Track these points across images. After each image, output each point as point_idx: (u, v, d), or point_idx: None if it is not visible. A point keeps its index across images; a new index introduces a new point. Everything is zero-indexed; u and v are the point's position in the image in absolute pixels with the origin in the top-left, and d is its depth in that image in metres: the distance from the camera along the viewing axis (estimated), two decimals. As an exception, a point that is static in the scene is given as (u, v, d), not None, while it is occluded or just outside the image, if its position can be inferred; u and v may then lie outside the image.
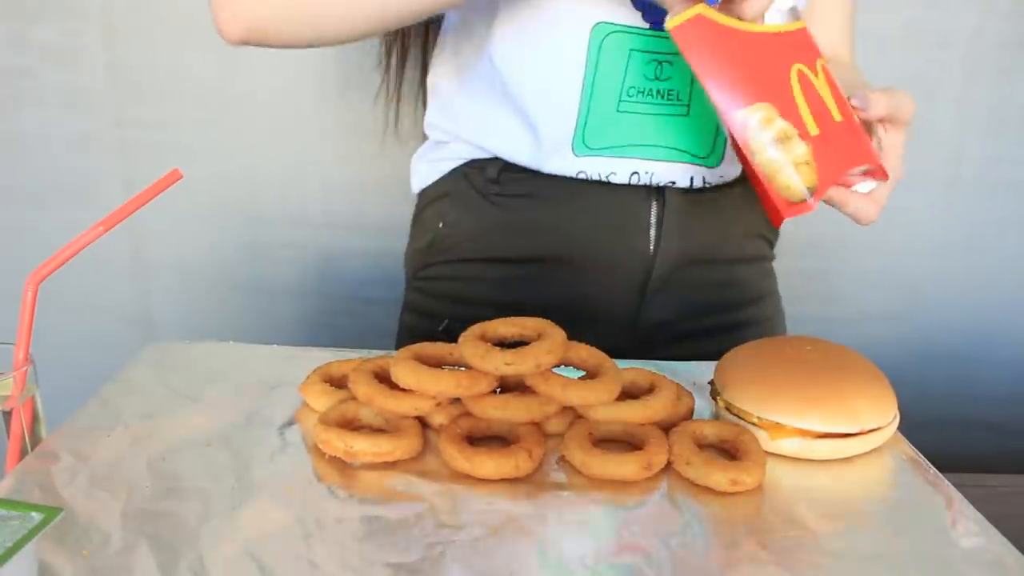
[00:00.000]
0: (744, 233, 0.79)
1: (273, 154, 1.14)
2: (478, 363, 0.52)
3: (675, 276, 0.74)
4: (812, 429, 0.53)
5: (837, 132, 0.53)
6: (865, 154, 0.56)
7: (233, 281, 1.20)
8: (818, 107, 0.53)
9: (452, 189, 0.78)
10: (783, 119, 0.52)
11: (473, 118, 0.75)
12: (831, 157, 0.53)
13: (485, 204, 0.76)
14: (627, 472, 0.50)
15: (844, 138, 0.54)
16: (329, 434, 0.51)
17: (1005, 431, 1.28)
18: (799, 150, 0.52)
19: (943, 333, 1.24)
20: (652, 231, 0.73)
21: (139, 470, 0.49)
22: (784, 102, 0.52)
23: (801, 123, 0.52)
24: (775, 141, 0.52)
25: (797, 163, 0.52)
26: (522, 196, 0.74)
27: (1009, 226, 1.20)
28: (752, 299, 0.81)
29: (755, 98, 0.52)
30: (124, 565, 0.41)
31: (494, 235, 0.76)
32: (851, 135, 0.55)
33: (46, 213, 1.15)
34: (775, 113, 0.52)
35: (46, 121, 1.12)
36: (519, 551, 0.43)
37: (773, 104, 0.52)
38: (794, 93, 0.52)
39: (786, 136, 0.52)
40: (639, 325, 0.76)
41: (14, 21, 1.08)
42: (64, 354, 1.16)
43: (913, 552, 0.45)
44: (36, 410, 0.56)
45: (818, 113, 0.53)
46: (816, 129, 0.52)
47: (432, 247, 0.80)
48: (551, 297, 0.75)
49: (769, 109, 0.52)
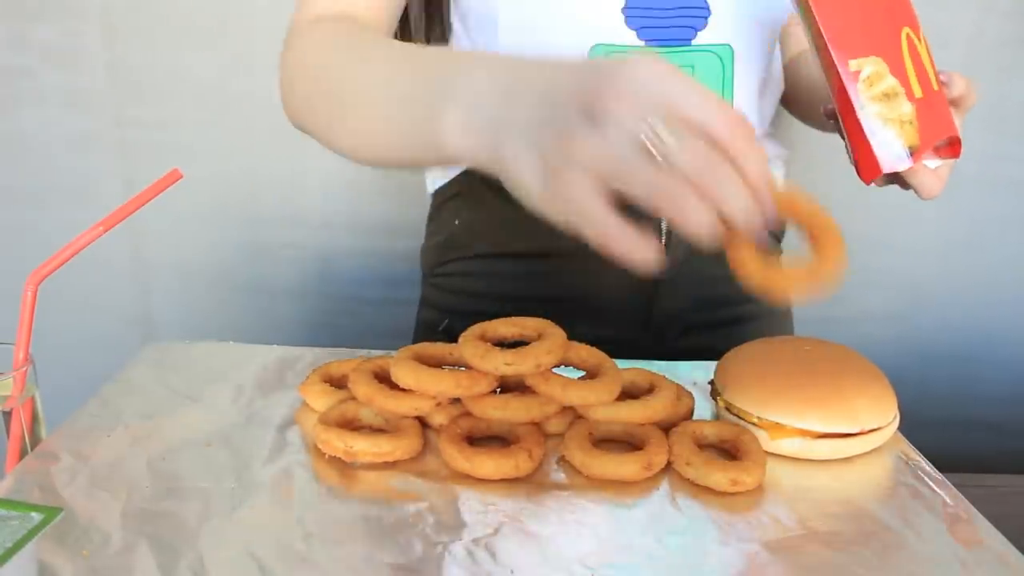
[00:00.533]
0: None
1: (273, 154, 1.14)
2: (478, 363, 0.52)
3: (686, 268, 0.75)
4: (812, 429, 0.53)
5: (934, 100, 0.54)
6: (952, 126, 0.57)
7: (233, 281, 1.20)
8: (921, 72, 0.53)
9: (465, 187, 0.79)
10: (892, 76, 0.52)
11: None
12: (930, 121, 0.54)
13: (498, 200, 0.77)
14: (627, 472, 0.50)
15: (939, 107, 0.55)
16: (329, 434, 0.51)
17: (1005, 431, 1.28)
18: (904, 108, 0.52)
19: (943, 333, 1.24)
20: (663, 222, 0.73)
21: (139, 470, 0.49)
22: (894, 60, 0.52)
23: (907, 83, 0.53)
24: (883, 96, 0.52)
25: (902, 121, 0.53)
26: None
27: (1010, 225, 1.20)
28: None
29: (870, 51, 0.52)
30: (124, 565, 0.41)
31: (508, 230, 0.77)
32: (943, 106, 0.56)
33: (46, 213, 1.15)
34: (885, 69, 0.52)
35: (46, 121, 1.12)
36: (519, 551, 0.43)
37: (884, 60, 0.52)
38: (903, 53, 0.53)
39: (894, 93, 0.52)
40: (652, 318, 0.76)
41: (14, 21, 1.07)
42: (64, 354, 1.16)
43: (913, 552, 0.45)
44: (36, 410, 0.56)
45: (921, 77, 0.53)
46: (920, 92, 0.53)
47: (448, 244, 0.81)
48: (566, 290, 0.76)
49: (880, 64, 0.52)
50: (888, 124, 0.53)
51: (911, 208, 1.18)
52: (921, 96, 0.53)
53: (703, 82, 0.68)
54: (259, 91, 1.11)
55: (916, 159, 0.53)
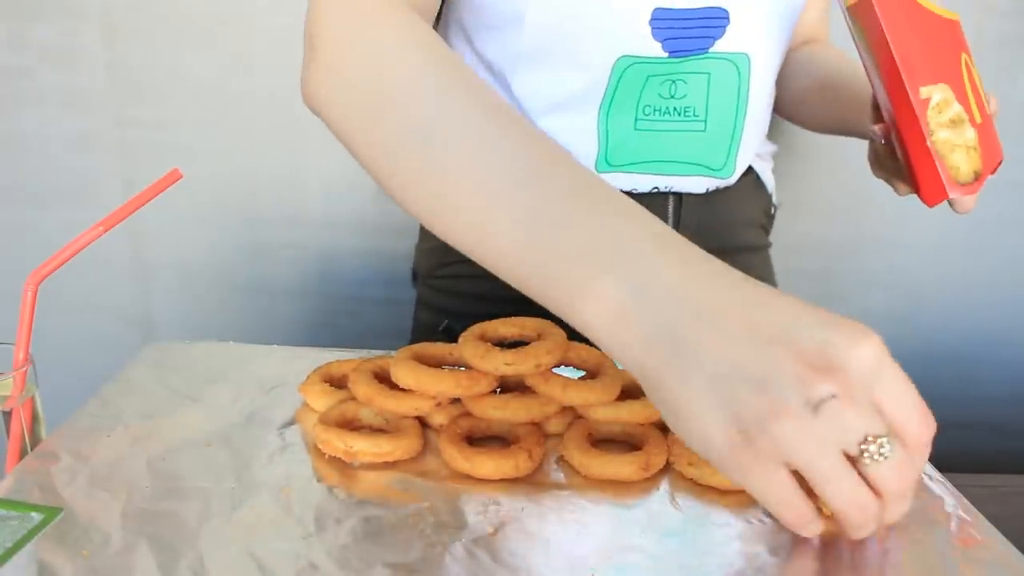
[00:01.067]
0: (747, 223, 0.80)
1: (273, 154, 1.14)
2: (478, 363, 0.52)
3: None
4: (812, 429, 0.53)
5: (988, 124, 0.56)
6: (1000, 149, 0.58)
7: (233, 281, 1.20)
8: (977, 98, 0.55)
9: None
10: (958, 103, 0.53)
11: None
12: (988, 146, 0.55)
13: None
14: (625, 472, 0.50)
15: (991, 130, 0.57)
16: (329, 434, 0.51)
17: (1006, 431, 1.28)
18: (969, 134, 0.54)
19: (944, 333, 1.24)
20: (669, 223, 0.74)
21: (139, 470, 0.49)
22: (957, 86, 0.53)
23: (970, 110, 0.54)
24: (951, 123, 0.53)
25: (968, 147, 0.54)
26: None
27: (1010, 226, 1.20)
28: None
29: (938, 78, 0.53)
30: (124, 565, 0.41)
31: None
32: (993, 129, 0.58)
33: (46, 213, 1.15)
34: (952, 96, 0.53)
35: (46, 121, 1.12)
36: (519, 551, 0.43)
37: (951, 87, 0.53)
38: (964, 80, 0.54)
39: (960, 120, 0.53)
40: None
41: (14, 21, 1.07)
42: (64, 354, 1.16)
43: (913, 552, 0.45)
44: (36, 410, 0.56)
45: (979, 103, 0.55)
46: (980, 118, 0.55)
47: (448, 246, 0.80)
48: None
49: (947, 91, 0.53)
50: (956, 151, 0.54)
51: (912, 209, 1.18)
52: (981, 122, 0.54)
53: (719, 90, 0.69)
54: (259, 91, 1.11)
55: (979, 184, 0.55)
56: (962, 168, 0.54)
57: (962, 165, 0.54)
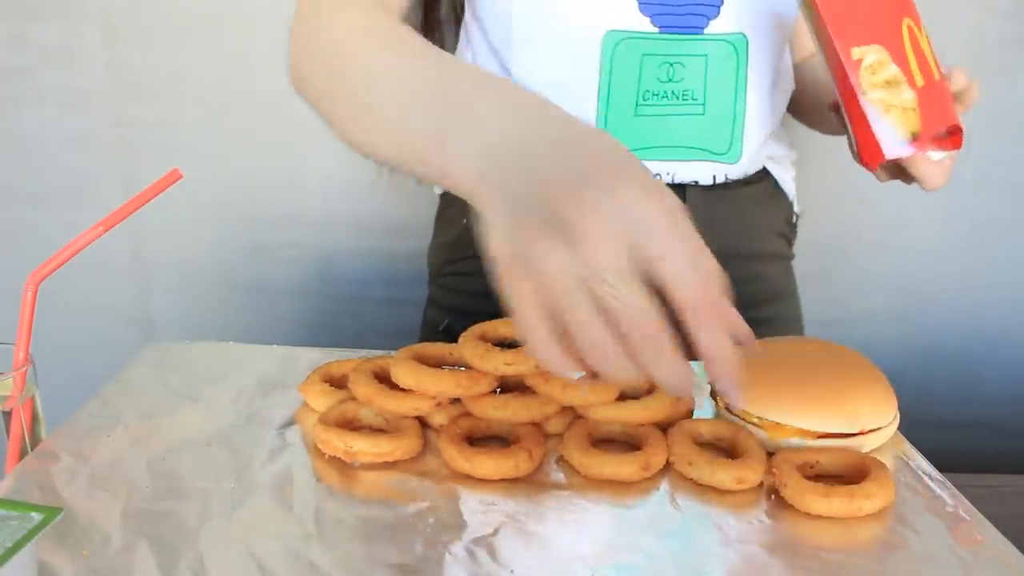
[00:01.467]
0: (766, 230, 0.80)
1: (273, 154, 1.14)
2: (478, 363, 0.52)
3: None
4: (812, 429, 0.53)
5: (936, 89, 0.55)
6: (954, 116, 0.57)
7: (233, 281, 1.20)
8: (922, 61, 0.54)
9: None
10: (894, 64, 0.53)
11: None
12: (932, 110, 0.54)
13: None
14: (625, 473, 0.50)
15: (941, 96, 0.56)
16: (329, 434, 0.51)
17: (1006, 431, 1.28)
18: (906, 95, 0.53)
19: (944, 333, 1.24)
20: None
21: (139, 470, 0.49)
22: (896, 48, 0.53)
23: (909, 72, 0.54)
24: (885, 83, 0.53)
25: (904, 108, 0.54)
26: None
27: (1010, 226, 1.20)
28: (772, 297, 0.81)
29: (872, 39, 0.53)
30: (124, 565, 0.41)
31: None
32: (945, 95, 0.57)
33: (46, 213, 1.15)
34: (888, 57, 0.53)
35: (46, 121, 1.12)
36: (519, 551, 0.43)
37: (887, 48, 0.53)
38: (904, 42, 0.54)
39: (896, 81, 0.53)
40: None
41: (14, 21, 1.07)
42: (64, 354, 1.16)
43: (913, 552, 0.45)
44: (36, 410, 0.56)
45: (923, 67, 0.54)
46: (921, 81, 0.54)
47: (457, 243, 0.81)
48: None
49: (882, 52, 0.53)
50: (891, 111, 0.53)
51: (912, 209, 1.18)
52: (923, 85, 0.54)
53: (718, 72, 0.68)
54: (259, 91, 1.11)
55: (918, 145, 0.54)
56: (898, 128, 0.54)
57: (898, 125, 0.54)
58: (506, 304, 0.40)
